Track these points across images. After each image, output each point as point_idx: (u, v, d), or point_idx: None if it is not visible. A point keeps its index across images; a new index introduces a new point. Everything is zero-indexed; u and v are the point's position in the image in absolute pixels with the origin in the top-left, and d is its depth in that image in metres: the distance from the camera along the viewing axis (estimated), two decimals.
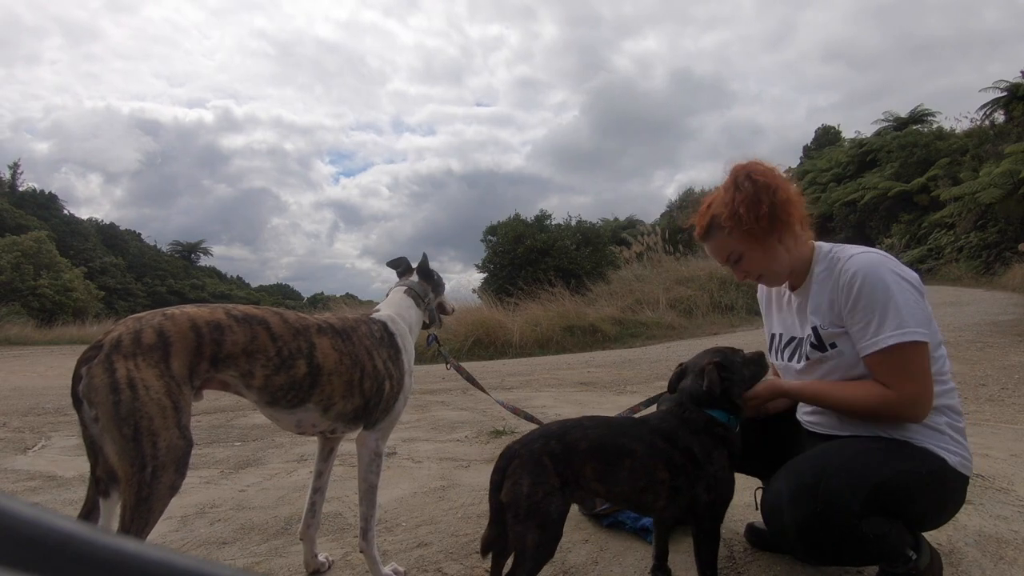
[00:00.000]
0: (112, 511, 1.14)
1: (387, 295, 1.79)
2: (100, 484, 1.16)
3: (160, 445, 1.11)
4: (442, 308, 1.96)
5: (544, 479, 1.23)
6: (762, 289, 1.67)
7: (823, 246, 1.48)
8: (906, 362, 1.28)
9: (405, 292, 1.76)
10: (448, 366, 1.93)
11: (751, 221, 1.39)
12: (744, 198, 1.39)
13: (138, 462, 1.09)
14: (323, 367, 1.38)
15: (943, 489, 1.31)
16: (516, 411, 1.96)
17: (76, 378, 1.14)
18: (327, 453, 1.66)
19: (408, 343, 1.63)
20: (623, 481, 1.29)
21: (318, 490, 1.65)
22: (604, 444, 1.30)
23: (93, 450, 1.15)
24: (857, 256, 1.37)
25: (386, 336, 1.57)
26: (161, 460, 1.11)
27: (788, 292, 1.55)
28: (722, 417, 1.36)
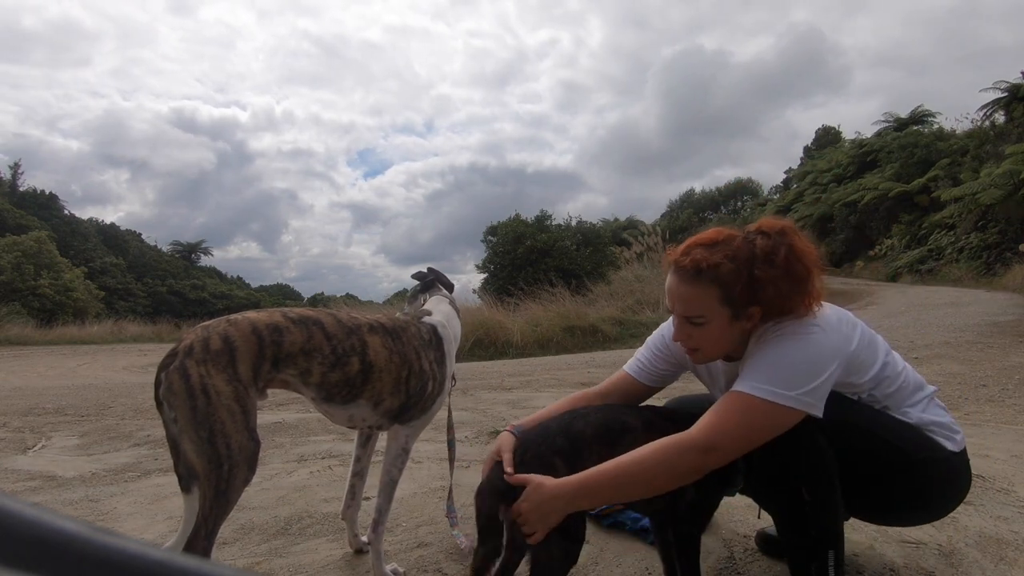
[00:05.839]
0: (192, 505, 1.20)
1: (421, 302, 1.81)
2: (181, 481, 1.22)
3: (233, 446, 1.20)
4: None
5: None
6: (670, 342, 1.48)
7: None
8: (742, 413, 1.14)
9: (449, 303, 1.79)
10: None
11: (749, 301, 1.19)
12: (776, 277, 1.17)
13: (215, 460, 1.18)
14: (375, 364, 1.44)
15: (936, 473, 1.26)
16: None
17: (157, 382, 1.22)
18: (365, 440, 1.73)
19: (452, 349, 1.68)
20: None
21: (357, 474, 1.73)
22: (607, 424, 1.27)
23: (174, 447, 1.22)
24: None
25: (435, 339, 1.63)
26: (235, 459, 1.20)
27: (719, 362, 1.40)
28: None
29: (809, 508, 1.18)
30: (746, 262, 1.19)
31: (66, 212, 40.60)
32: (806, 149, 38.82)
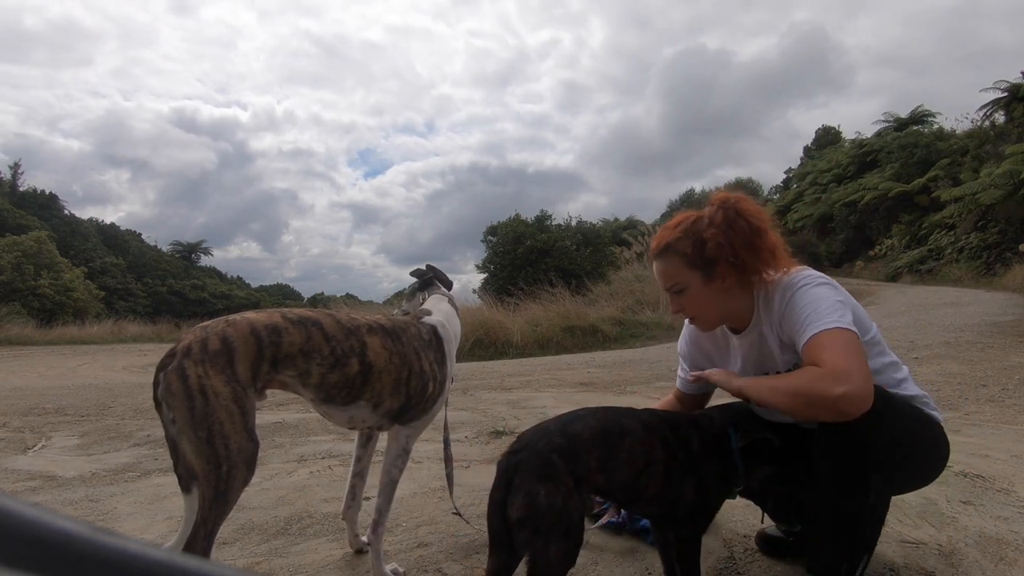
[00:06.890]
0: (192, 505, 1.21)
1: (420, 300, 1.81)
2: (181, 481, 1.22)
3: (232, 447, 1.20)
4: None
5: (560, 481, 1.15)
6: (689, 339, 1.60)
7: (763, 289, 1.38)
8: (834, 343, 1.21)
9: (448, 302, 1.78)
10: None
11: (710, 259, 1.33)
12: (720, 234, 1.31)
13: (214, 461, 1.19)
14: (374, 365, 1.43)
15: (933, 441, 1.35)
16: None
17: (155, 383, 1.22)
18: (365, 440, 1.73)
19: (452, 349, 1.68)
20: (623, 466, 1.25)
21: (358, 475, 1.73)
22: (606, 428, 1.27)
23: (173, 448, 1.22)
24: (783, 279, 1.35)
25: (435, 340, 1.62)
26: (234, 460, 1.21)
27: (731, 336, 1.47)
28: (734, 443, 1.36)
29: (873, 501, 1.22)
30: (696, 231, 1.37)
31: (66, 212, 40.60)
32: (806, 149, 38.80)
